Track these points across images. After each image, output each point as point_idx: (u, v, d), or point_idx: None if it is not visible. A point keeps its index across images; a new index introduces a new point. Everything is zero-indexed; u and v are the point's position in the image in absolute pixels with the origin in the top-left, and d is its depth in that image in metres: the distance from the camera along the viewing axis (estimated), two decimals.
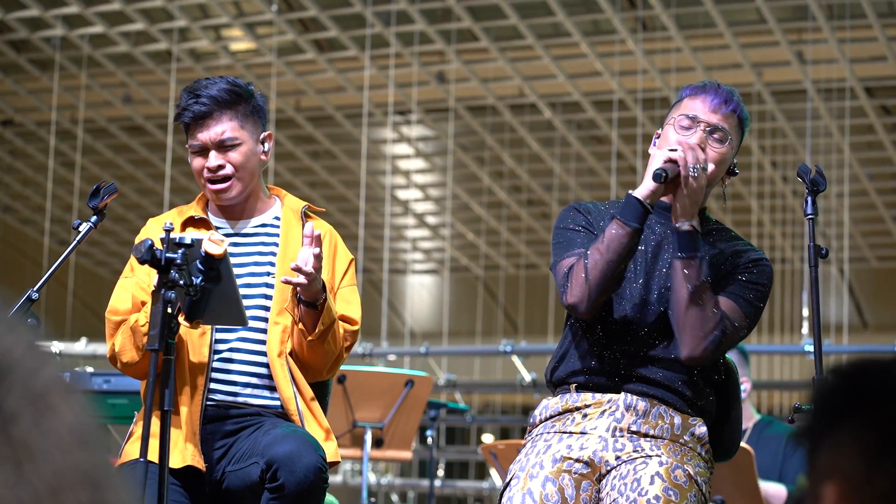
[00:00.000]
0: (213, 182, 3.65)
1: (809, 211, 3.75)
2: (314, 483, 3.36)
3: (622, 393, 3.35)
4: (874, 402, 1.13)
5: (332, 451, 3.56)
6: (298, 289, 3.48)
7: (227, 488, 3.54)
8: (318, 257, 3.43)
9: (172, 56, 11.72)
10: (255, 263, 3.69)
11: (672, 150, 3.28)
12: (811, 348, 6.81)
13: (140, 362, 3.50)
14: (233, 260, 3.55)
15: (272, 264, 3.67)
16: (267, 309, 3.63)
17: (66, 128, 13.36)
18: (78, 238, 3.76)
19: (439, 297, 17.71)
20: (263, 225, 3.75)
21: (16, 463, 0.87)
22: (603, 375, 3.38)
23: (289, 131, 13.34)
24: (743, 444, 5.21)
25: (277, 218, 3.76)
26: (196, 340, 3.58)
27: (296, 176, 14.58)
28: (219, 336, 3.62)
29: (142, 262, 3.04)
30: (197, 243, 3.09)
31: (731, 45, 10.88)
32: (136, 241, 3.56)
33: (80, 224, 3.76)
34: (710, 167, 3.31)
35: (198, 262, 3.09)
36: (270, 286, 3.65)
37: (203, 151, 3.66)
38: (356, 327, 3.68)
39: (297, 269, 3.40)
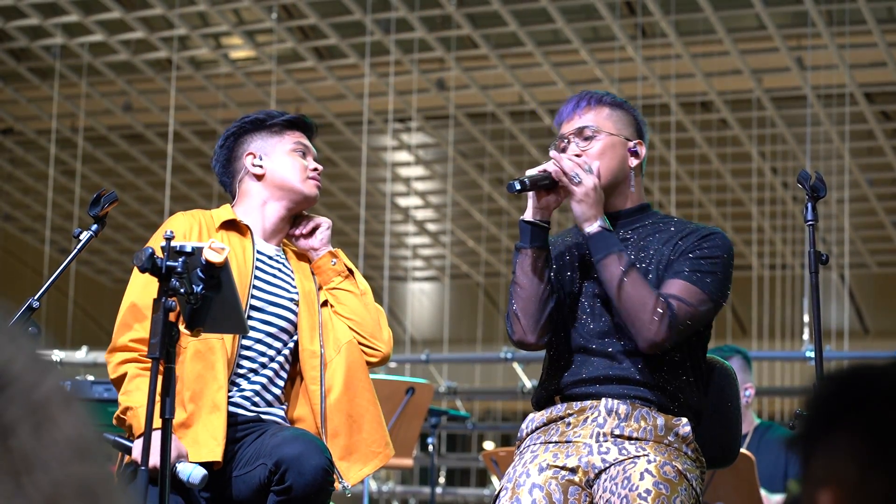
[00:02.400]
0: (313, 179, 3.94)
1: (810, 217, 3.76)
2: (321, 485, 3.42)
3: (603, 398, 3.37)
4: (869, 407, 1.13)
5: None
6: (311, 251, 3.86)
7: (234, 493, 3.56)
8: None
9: (172, 64, 11.73)
10: (285, 281, 3.82)
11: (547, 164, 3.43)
12: (812, 354, 6.81)
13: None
14: (263, 276, 3.75)
15: (296, 292, 3.82)
16: (291, 323, 3.79)
17: (66, 136, 13.36)
18: (78, 246, 3.77)
19: (440, 305, 17.69)
20: (280, 254, 3.91)
21: (14, 474, 0.87)
22: (582, 385, 3.41)
23: None
24: (743, 450, 5.20)
25: (286, 257, 3.94)
26: (227, 346, 3.65)
27: None
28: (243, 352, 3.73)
29: (142, 270, 3.04)
30: (197, 251, 3.09)
31: (730, 52, 10.88)
32: (163, 224, 3.71)
33: (81, 232, 3.77)
34: (595, 165, 3.43)
35: (198, 270, 3.10)
36: (294, 311, 3.81)
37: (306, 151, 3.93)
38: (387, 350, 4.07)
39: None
